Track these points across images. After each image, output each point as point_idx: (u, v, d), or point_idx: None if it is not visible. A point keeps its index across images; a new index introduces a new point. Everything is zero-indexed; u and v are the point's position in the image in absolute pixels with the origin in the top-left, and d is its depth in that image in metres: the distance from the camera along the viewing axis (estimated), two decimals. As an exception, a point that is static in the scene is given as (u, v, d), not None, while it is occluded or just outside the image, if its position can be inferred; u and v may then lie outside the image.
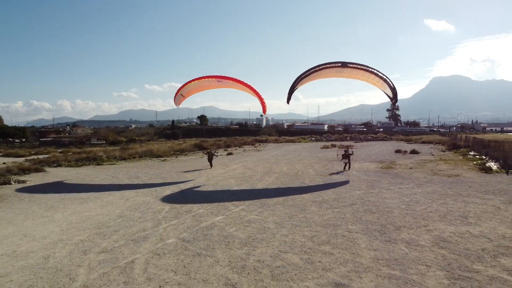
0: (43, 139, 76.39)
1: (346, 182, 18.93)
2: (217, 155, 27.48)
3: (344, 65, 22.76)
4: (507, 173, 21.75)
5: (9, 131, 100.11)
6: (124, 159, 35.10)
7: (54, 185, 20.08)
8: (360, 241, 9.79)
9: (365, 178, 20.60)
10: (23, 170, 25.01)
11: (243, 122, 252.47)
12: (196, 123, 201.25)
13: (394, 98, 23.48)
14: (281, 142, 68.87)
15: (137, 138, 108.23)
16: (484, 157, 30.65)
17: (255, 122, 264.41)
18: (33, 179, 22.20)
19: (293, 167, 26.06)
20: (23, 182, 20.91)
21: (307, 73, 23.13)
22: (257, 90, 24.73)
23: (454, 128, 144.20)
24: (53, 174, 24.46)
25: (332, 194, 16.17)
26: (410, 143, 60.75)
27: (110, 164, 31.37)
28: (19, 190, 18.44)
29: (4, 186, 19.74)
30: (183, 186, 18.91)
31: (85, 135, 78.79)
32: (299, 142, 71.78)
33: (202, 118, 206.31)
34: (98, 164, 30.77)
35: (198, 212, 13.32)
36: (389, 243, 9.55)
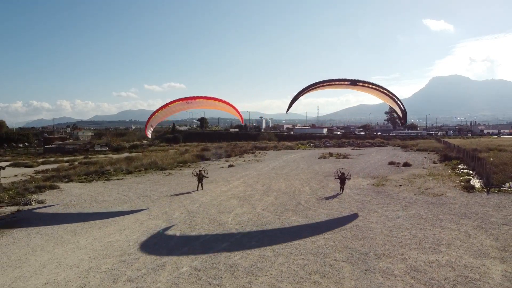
0: (48, 146, 78.15)
1: (342, 211, 20.21)
2: (208, 177, 27.89)
3: (354, 83, 22.54)
4: (487, 192, 23.60)
5: (14, 136, 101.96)
6: (130, 172, 36.93)
7: (73, 206, 21.90)
8: (344, 270, 11.64)
9: (356, 198, 22.45)
10: (40, 188, 26.81)
11: (243, 124, 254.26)
12: (197, 126, 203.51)
13: (403, 118, 23.56)
14: (280, 149, 70.66)
15: (139, 142, 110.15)
16: (471, 172, 32.54)
17: (254, 124, 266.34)
18: (50, 198, 24.03)
19: (291, 184, 27.89)
20: (42, 202, 22.74)
21: (313, 87, 22.06)
22: (231, 103, 24.84)
23: (452, 131, 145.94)
24: (68, 192, 26.28)
25: (325, 218, 18.03)
26: (406, 151, 62.68)
27: (118, 178, 33.20)
28: (42, 213, 20.27)
29: (25, 207, 21.56)
30: (190, 208, 20.74)
31: (88, 142, 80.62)
32: (297, 149, 73.61)
33: (203, 120, 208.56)
34: (107, 179, 32.57)
35: (206, 238, 15.17)
36: (368, 273, 11.40)
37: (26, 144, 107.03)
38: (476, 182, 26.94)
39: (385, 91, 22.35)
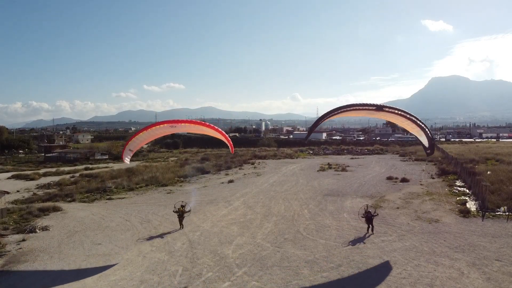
0: (49, 155, 78.57)
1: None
2: (189, 212, 23.98)
3: (379, 108, 21.26)
4: (482, 217, 24.11)
5: (14, 143, 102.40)
6: (131, 189, 37.43)
7: (77, 233, 22.36)
8: (341, 318, 12.13)
9: (354, 225, 22.94)
10: (43, 211, 27.27)
11: (243, 127, 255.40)
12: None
13: (430, 148, 21.26)
14: (280, 158, 71.22)
15: (139, 150, 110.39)
16: (467, 191, 33.03)
17: (254, 127, 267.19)
18: (54, 224, 24.47)
19: (290, 206, 28.35)
20: (47, 228, 23.18)
21: (336, 112, 20.99)
22: (220, 130, 22.61)
23: (451, 135, 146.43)
24: (71, 216, 26.73)
25: (323, 250, 18.50)
26: (404, 160, 63.26)
27: (119, 197, 33.65)
28: (47, 243, 20.68)
29: (30, 235, 22.00)
30: (191, 236, 21.21)
31: (89, 150, 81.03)
32: (297, 157, 74.19)
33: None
34: (109, 199, 33.02)
35: (207, 276, 15.64)
36: (364, 321, 11.89)
37: (27, 149, 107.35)
38: (472, 205, 27.44)
39: (412, 118, 20.52)
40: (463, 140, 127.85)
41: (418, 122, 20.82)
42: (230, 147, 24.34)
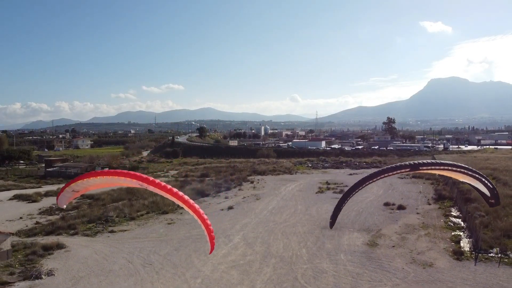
0: (49, 169, 79.24)
1: None
2: None
3: (415, 168, 19.92)
4: (475, 261, 24.80)
5: (15, 154, 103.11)
6: (133, 218, 38.09)
7: (81, 280, 23.02)
8: None
9: (350, 270, 23.62)
10: (47, 250, 27.93)
11: (242, 131, 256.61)
12: (196, 135, 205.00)
13: (493, 198, 18.87)
14: (279, 174, 72.00)
15: (138, 159, 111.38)
16: (462, 223, 33.75)
17: (253, 131, 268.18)
18: (59, 266, 25.10)
19: (289, 243, 29.00)
20: (52, 273, 23.81)
21: (370, 180, 19.84)
22: (201, 213, 13.90)
23: (449, 143, 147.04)
24: (75, 255, 27.32)
25: (320, 305, 19.20)
26: (402, 177, 63.97)
27: (122, 230, 34.21)
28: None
29: (36, 281, 22.64)
30: (192, 284, 21.91)
31: (89, 165, 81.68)
32: (296, 172, 75.13)
33: (202, 130, 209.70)
34: (112, 231, 33.61)
35: None
36: None
37: (27, 160, 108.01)
38: (465, 243, 28.14)
39: (461, 170, 18.62)
40: (461, 147, 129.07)
41: (470, 172, 18.67)
42: (210, 243, 14.46)
